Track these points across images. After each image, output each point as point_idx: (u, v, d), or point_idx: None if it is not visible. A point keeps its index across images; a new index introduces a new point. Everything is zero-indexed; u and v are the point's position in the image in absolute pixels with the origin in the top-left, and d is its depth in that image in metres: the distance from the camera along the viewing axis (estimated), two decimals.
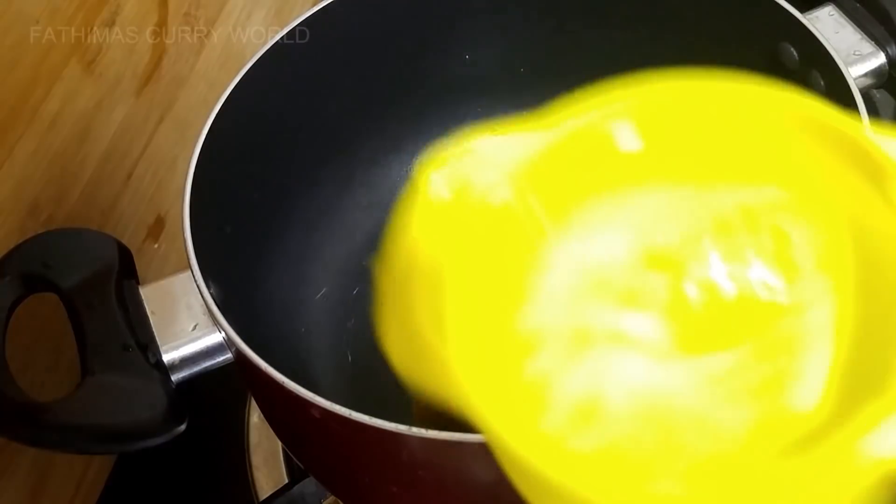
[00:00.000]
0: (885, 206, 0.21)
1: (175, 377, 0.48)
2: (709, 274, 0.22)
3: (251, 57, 0.53)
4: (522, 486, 0.21)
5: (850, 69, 0.48)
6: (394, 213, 0.23)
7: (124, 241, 0.51)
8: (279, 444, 0.61)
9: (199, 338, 0.48)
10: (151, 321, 0.48)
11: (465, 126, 0.61)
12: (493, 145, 0.24)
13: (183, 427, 0.47)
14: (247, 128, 0.53)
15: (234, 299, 0.48)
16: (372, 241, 0.63)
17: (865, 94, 0.51)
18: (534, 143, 0.24)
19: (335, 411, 0.40)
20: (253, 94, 0.53)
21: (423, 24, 0.48)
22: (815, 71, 0.49)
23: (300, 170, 0.59)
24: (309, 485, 0.55)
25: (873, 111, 0.62)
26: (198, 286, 0.46)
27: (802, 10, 0.51)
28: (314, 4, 0.55)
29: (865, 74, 0.52)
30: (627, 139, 0.23)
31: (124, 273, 0.50)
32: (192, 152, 0.49)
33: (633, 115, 0.24)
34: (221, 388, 0.54)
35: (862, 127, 0.22)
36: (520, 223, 0.23)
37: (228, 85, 0.52)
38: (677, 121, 0.24)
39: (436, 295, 0.21)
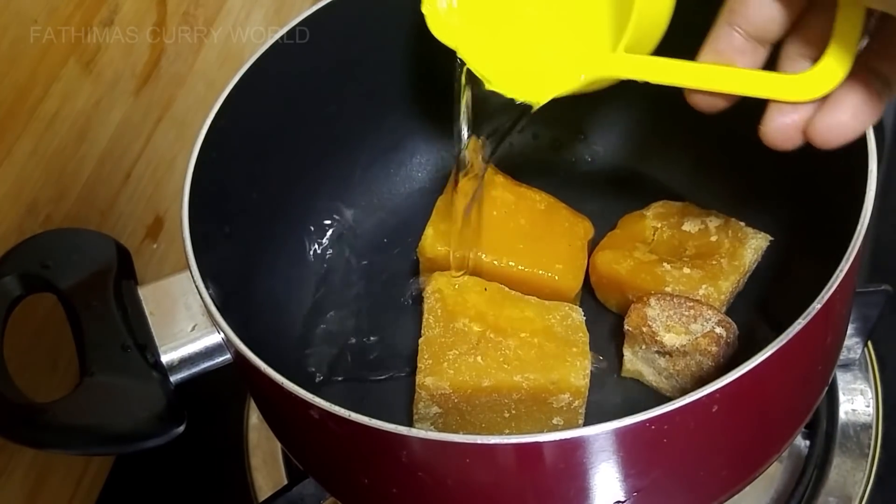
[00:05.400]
0: None
1: (174, 378, 0.48)
2: None
3: (250, 56, 0.53)
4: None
5: None
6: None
7: (123, 241, 0.51)
8: (278, 445, 0.61)
9: (197, 338, 0.48)
10: (150, 321, 0.48)
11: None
12: None
13: (181, 428, 0.47)
14: (246, 127, 0.53)
15: (233, 299, 0.48)
16: (371, 241, 0.64)
17: None
18: None
19: (334, 412, 0.40)
20: (252, 94, 0.53)
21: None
22: None
23: (299, 169, 0.59)
24: (308, 486, 0.55)
25: None
26: (196, 286, 0.45)
27: None
28: (314, 3, 0.55)
29: None
30: None
31: (123, 273, 0.50)
32: (191, 152, 0.50)
33: None
34: (220, 388, 0.54)
35: None
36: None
37: (227, 84, 0.52)
38: None
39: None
